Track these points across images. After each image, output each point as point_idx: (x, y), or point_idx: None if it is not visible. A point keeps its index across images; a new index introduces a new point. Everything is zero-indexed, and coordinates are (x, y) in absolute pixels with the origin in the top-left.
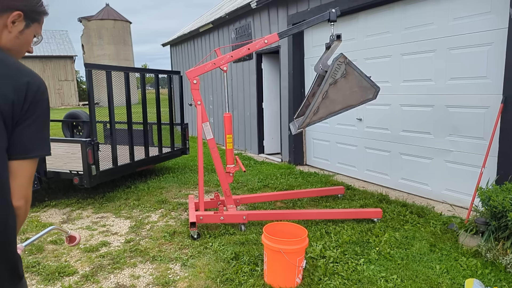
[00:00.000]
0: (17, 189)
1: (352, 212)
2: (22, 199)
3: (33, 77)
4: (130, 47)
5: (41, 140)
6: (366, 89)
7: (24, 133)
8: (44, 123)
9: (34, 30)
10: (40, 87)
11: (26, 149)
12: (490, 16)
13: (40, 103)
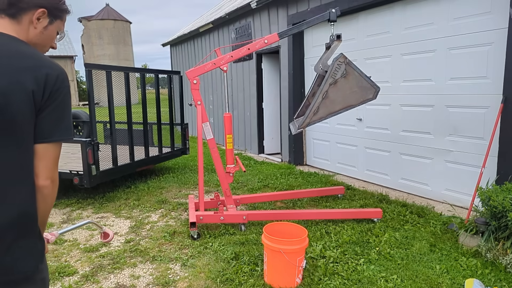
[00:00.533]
0: (43, 170)
1: (352, 212)
2: (48, 179)
3: (52, 67)
4: (130, 47)
5: (62, 125)
6: (366, 89)
7: (46, 119)
8: (64, 109)
9: (57, 27)
10: (59, 76)
11: (49, 133)
12: (490, 16)
13: (60, 91)
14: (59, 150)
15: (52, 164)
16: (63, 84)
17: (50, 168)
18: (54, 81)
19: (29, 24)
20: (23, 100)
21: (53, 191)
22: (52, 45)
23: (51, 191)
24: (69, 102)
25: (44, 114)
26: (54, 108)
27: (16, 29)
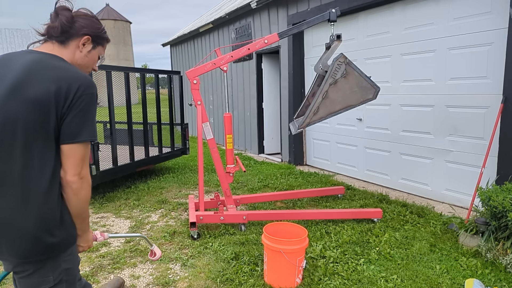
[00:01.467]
0: (70, 168)
1: (352, 212)
2: (75, 175)
3: (77, 78)
4: (130, 47)
5: (85, 127)
6: (366, 89)
7: (71, 122)
8: (87, 114)
9: (98, 51)
10: (80, 86)
11: (73, 135)
12: (490, 16)
13: (82, 98)
14: (84, 150)
15: (78, 162)
16: (85, 92)
17: (76, 165)
18: (76, 90)
19: (75, 49)
20: (48, 104)
21: (83, 187)
22: (93, 68)
23: (80, 186)
24: (92, 108)
25: (68, 118)
26: (77, 113)
27: (63, 52)
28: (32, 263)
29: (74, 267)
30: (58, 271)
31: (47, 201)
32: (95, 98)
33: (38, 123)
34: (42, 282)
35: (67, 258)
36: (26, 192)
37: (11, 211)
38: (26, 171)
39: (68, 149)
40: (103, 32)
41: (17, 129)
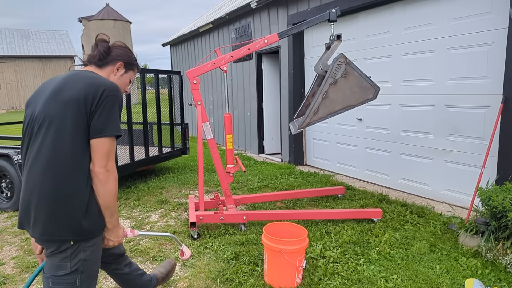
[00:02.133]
0: (97, 160)
1: (352, 212)
2: (101, 167)
3: (102, 84)
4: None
5: (109, 124)
6: (366, 89)
7: (97, 120)
8: (111, 112)
9: (130, 76)
10: (105, 90)
11: (99, 130)
12: (490, 16)
13: (108, 99)
14: (109, 144)
15: (104, 155)
16: (110, 94)
17: (102, 158)
18: (101, 92)
19: (110, 72)
20: (79, 104)
21: (109, 178)
22: (125, 90)
23: (106, 178)
24: (116, 108)
25: (96, 116)
26: (102, 111)
27: (99, 73)
28: (54, 242)
29: (94, 261)
30: (76, 259)
31: (76, 188)
32: (119, 99)
33: (71, 119)
34: (60, 266)
35: (87, 249)
36: (60, 174)
37: (48, 188)
38: (59, 157)
39: (95, 143)
40: (134, 59)
41: (53, 123)
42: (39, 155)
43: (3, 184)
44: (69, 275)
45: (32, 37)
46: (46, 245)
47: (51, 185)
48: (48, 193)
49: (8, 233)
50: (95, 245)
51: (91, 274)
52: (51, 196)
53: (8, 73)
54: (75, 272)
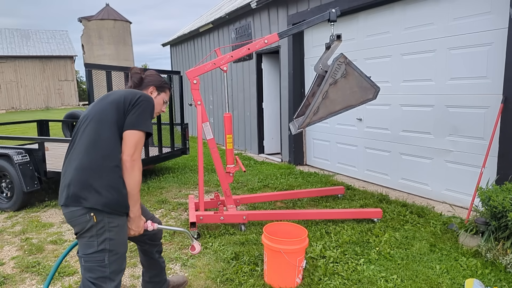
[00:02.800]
0: (126, 149)
1: (352, 212)
2: (128, 156)
3: (139, 93)
4: (130, 47)
5: (140, 121)
6: (366, 89)
7: (131, 117)
8: (143, 113)
9: (162, 97)
10: (140, 96)
11: (131, 125)
12: (490, 16)
13: (141, 103)
14: (138, 137)
15: (132, 146)
16: (143, 99)
17: (130, 148)
18: (137, 98)
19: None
20: (119, 104)
21: (134, 168)
22: (162, 109)
23: (131, 166)
24: (147, 110)
25: (130, 114)
26: (136, 111)
27: None
28: (79, 217)
29: (120, 242)
30: (102, 238)
31: (105, 168)
32: (152, 106)
33: (110, 115)
34: (88, 245)
35: (112, 229)
36: (94, 155)
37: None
38: (96, 142)
39: (126, 135)
40: (164, 83)
41: (96, 117)
42: (80, 141)
43: (3, 184)
44: (97, 253)
45: (32, 37)
46: (74, 221)
47: (84, 161)
48: (81, 168)
49: (8, 233)
50: (119, 227)
51: (118, 254)
52: (81, 171)
53: (8, 73)
54: (102, 251)
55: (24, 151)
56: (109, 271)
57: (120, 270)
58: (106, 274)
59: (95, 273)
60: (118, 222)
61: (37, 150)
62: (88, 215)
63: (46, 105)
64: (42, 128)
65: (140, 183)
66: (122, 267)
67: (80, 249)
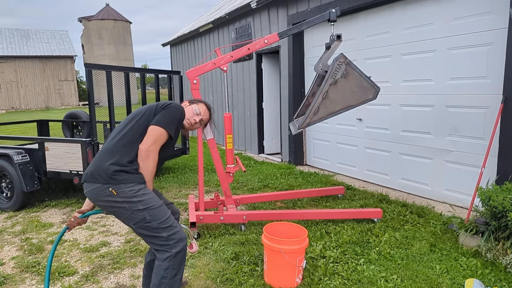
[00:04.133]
0: (145, 140)
1: (352, 212)
2: (145, 146)
3: (170, 101)
4: (130, 47)
5: (165, 121)
6: (366, 89)
7: (157, 116)
8: (169, 116)
9: (193, 107)
10: (171, 103)
11: (156, 122)
12: (490, 16)
13: (171, 108)
14: (159, 133)
15: (151, 139)
16: (173, 106)
17: (149, 140)
18: (168, 104)
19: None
20: (151, 109)
21: (148, 157)
22: (194, 119)
23: (146, 156)
24: (174, 115)
25: (157, 114)
26: (163, 113)
27: None
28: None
29: (149, 199)
30: (130, 203)
31: (124, 152)
32: (179, 112)
33: (145, 117)
34: (124, 213)
35: (136, 194)
36: (119, 145)
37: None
38: (129, 137)
39: (149, 129)
40: (196, 100)
41: (135, 118)
42: (113, 134)
43: (3, 184)
44: (135, 214)
45: (32, 37)
46: (97, 197)
47: (107, 146)
48: (102, 150)
49: (8, 233)
50: (142, 189)
51: (154, 206)
52: (102, 153)
53: (8, 73)
54: (139, 211)
55: (24, 151)
56: (156, 223)
57: (165, 218)
58: (154, 226)
59: (147, 228)
60: (138, 187)
61: (37, 150)
62: (107, 191)
63: (46, 105)
64: (42, 128)
65: (153, 173)
66: (167, 214)
67: (124, 220)
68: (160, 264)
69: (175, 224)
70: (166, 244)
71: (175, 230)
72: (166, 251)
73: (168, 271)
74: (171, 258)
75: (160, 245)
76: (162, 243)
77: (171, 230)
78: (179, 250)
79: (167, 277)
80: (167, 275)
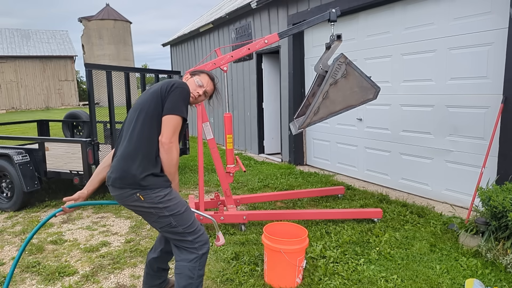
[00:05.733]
0: (164, 132)
1: (352, 212)
2: (167, 139)
3: (174, 81)
4: (130, 47)
5: (176, 107)
6: (367, 89)
7: (168, 103)
8: (178, 99)
9: (194, 79)
10: (175, 84)
11: (169, 110)
12: (490, 16)
13: (176, 90)
14: (175, 121)
15: (170, 130)
16: (178, 86)
17: (169, 131)
18: (172, 85)
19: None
20: (157, 94)
21: (172, 149)
22: (198, 92)
23: (169, 148)
24: (182, 96)
25: (167, 100)
26: (171, 97)
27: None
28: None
29: (174, 204)
30: (157, 209)
31: (146, 154)
32: (185, 92)
33: (152, 105)
34: (151, 216)
35: (161, 200)
36: (137, 145)
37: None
38: (142, 131)
39: (165, 119)
40: (197, 70)
41: (142, 109)
42: (125, 130)
43: (3, 184)
44: (161, 220)
45: (32, 37)
46: (124, 202)
47: (126, 149)
48: (122, 155)
49: (8, 233)
50: (168, 195)
51: (180, 211)
52: (124, 158)
53: (8, 73)
54: (165, 217)
55: (24, 151)
56: (181, 228)
57: (190, 223)
58: (180, 231)
59: (172, 232)
60: (164, 193)
61: (37, 150)
62: (135, 196)
63: (46, 105)
64: (42, 128)
65: (178, 163)
66: (191, 218)
67: (151, 222)
68: (185, 264)
69: (199, 228)
70: (192, 247)
71: (200, 233)
72: (192, 253)
73: (194, 271)
74: (197, 260)
75: (186, 247)
76: (188, 246)
77: (196, 234)
78: (204, 252)
79: (194, 277)
80: (193, 275)
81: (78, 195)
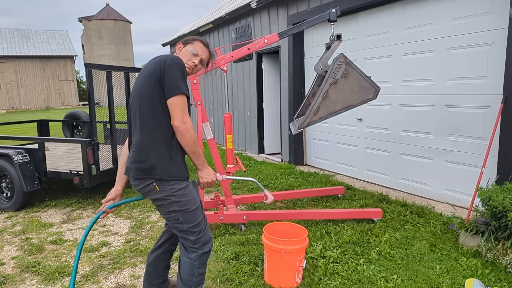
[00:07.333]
0: (174, 115)
1: (352, 212)
2: (179, 121)
3: (165, 58)
4: (130, 47)
5: (176, 85)
6: (367, 89)
7: (166, 84)
8: (175, 77)
9: (188, 48)
10: (166, 61)
11: (170, 91)
12: (490, 16)
13: (170, 68)
14: (181, 101)
15: (179, 111)
16: (170, 63)
17: (178, 113)
18: (164, 63)
19: (176, 52)
20: (152, 76)
21: (187, 130)
22: (193, 61)
23: (184, 129)
24: (178, 73)
25: (164, 82)
26: (168, 77)
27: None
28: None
29: (186, 201)
30: (169, 202)
31: (155, 141)
32: (179, 67)
33: (148, 89)
34: (161, 207)
35: (175, 193)
36: (144, 132)
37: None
38: (143, 119)
39: (170, 102)
40: (190, 38)
41: (139, 95)
42: (134, 120)
43: (3, 184)
44: (170, 213)
45: (32, 37)
46: (141, 191)
47: (139, 140)
48: (137, 146)
49: (8, 233)
50: (182, 189)
51: (190, 210)
52: (138, 149)
53: (8, 73)
54: (174, 211)
55: (24, 151)
56: (186, 226)
57: (197, 223)
58: (185, 228)
59: (177, 228)
60: (179, 187)
61: (37, 150)
62: (151, 185)
63: (46, 105)
64: (42, 128)
65: (197, 141)
66: (199, 219)
67: (161, 212)
68: (186, 260)
69: (204, 228)
70: (193, 246)
71: (202, 233)
72: (193, 251)
73: (194, 269)
74: (197, 258)
75: (188, 245)
76: (189, 244)
77: (198, 234)
78: (205, 251)
79: (193, 275)
80: (193, 272)
81: (114, 194)
